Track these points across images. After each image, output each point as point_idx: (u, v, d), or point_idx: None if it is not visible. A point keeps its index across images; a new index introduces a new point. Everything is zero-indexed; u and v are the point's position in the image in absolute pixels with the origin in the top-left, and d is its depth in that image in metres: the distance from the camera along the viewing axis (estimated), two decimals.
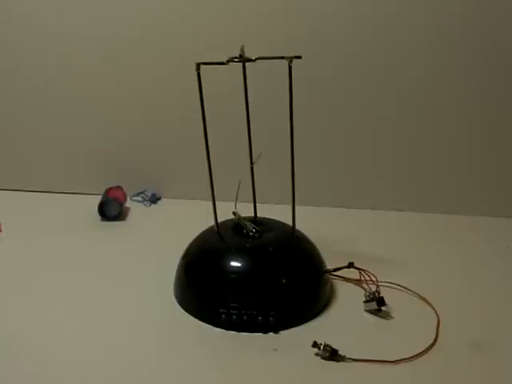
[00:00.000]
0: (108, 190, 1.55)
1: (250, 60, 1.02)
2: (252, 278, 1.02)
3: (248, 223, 1.12)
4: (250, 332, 0.99)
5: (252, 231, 1.10)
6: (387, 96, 1.46)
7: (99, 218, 1.49)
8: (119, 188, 1.58)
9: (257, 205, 1.19)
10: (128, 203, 1.60)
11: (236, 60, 1.01)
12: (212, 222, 1.12)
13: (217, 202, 1.09)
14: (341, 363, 0.91)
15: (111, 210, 1.50)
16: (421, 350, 0.93)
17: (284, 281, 1.02)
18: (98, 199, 1.51)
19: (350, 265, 1.13)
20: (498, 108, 1.42)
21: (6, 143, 1.69)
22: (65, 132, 1.65)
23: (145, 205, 1.62)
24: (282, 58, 0.97)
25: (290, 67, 0.98)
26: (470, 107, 1.43)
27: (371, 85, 1.46)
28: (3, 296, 1.13)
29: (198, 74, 0.99)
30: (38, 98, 1.63)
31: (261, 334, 0.99)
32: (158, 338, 0.99)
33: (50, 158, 1.68)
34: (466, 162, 1.48)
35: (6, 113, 1.67)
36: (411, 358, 0.92)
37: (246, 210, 1.16)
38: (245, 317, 0.99)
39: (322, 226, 1.34)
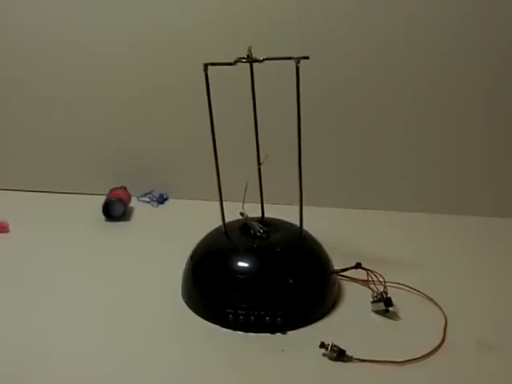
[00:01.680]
0: (112, 191, 1.55)
1: (257, 60, 1.02)
2: (259, 279, 1.03)
3: (255, 224, 1.12)
4: (257, 332, 0.99)
5: (259, 232, 1.10)
6: (392, 96, 1.46)
7: (104, 218, 1.50)
8: (123, 188, 1.58)
9: (264, 205, 1.19)
10: (135, 203, 1.61)
11: (243, 60, 1.01)
12: (219, 223, 1.12)
13: (224, 203, 1.09)
14: (348, 364, 0.91)
15: (115, 210, 1.50)
16: (428, 351, 0.93)
17: (291, 281, 1.02)
18: (103, 199, 1.52)
19: (358, 265, 1.13)
20: (505, 108, 1.42)
21: (11, 144, 1.70)
22: (71, 133, 1.66)
23: (152, 205, 1.62)
24: (290, 58, 0.97)
25: (297, 68, 0.98)
26: (476, 108, 1.43)
27: (375, 85, 1.46)
28: (10, 295, 1.13)
29: (206, 75, 0.99)
30: (41, 98, 1.64)
31: (268, 334, 0.99)
32: (165, 338, 0.99)
33: (55, 159, 1.69)
34: (473, 162, 1.48)
35: (10, 114, 1.67)
36: (419, 358, 0.91)
37: (253, 211, 1.16)
38: (252, 317, 0.99)
39: (330, 227, 1.34)
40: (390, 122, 1.48)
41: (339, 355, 0.91)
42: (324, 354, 0.92)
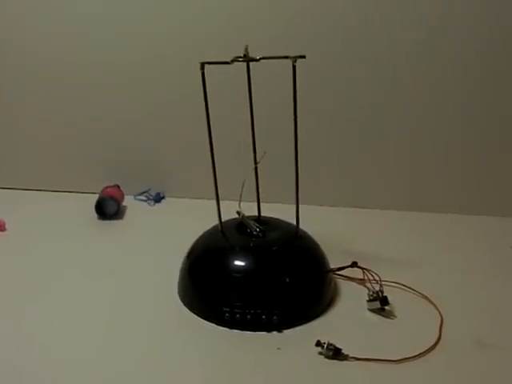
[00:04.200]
0: (105, 189, 1.55)
1: (254, 60, 1.02)
2: (256, 277, 1.03)
3: (252, 222, 1.12)
4: (253, 331, 1.00)
5: (256, 230, 1.10)
6: (390, 97, 1.46)
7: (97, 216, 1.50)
8: (116, 186, 1.58)
9: (261, 204, 1.19)
10: (131, 202, 1.61)
11: (240, 59, 1.02)
12: (216, 221, 1.12)
13: (221, 202, 1.09)
14: (344, 362, 0.91)
15: (108, 208, 1.50)
16: (424, 350, 0.93)
17: (288, 280, 1.03)
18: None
19: (354, 264, 1.14)
20: (503, 108, 1.42)
21: (6, 143, 1.70)
22: (66, 132, 1.66)
23: (149, 204, 1.62)
24: (286, 57, 0.97)
25: (294, 67, 0.98)
26: (473, 108, 1.44)
27: (373, 84, 1.46)
28: (7, 294, 1.13)
29: (203, 74, 0.99)
30: (37, 98, 1.64)
31: (264, 332, 0.99)
32: (161, 336, 1.00)
33: (50, 157, 1.69)
34: (470, 161, 1.48)
35: (6, 114, 1.67)
36: (414, 357, 0.92)
37: (249, 210, 1.16)
38: (248, 316, 1.00)
39: (326, 226, 1.34)
40: (387, 121, 1.49)
41: (335, 354, 0.91)
42: (320, 353, 0.92)
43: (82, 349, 0.96)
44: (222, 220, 1.12)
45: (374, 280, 1.08)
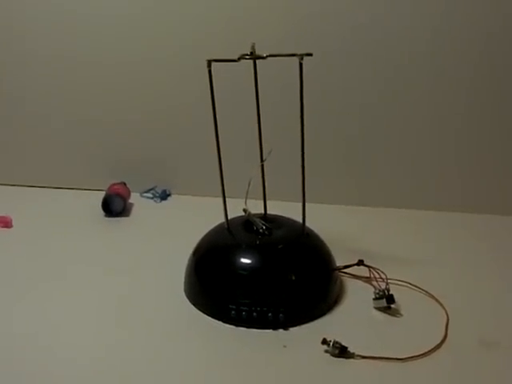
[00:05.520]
0: (111, 186, 1.55)
1: (261, 57, 1.02)
2: (262, 275, 1.03)
3: (258, 220, 1.12)
4: (259, 328, 1.00)
5: (262, 228, 1.10)
6: (395, 95, 1.46)
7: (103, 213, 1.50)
8: (123, 184, 1.58)
9: (267, 202, 1.19)
10: (137, 199, 1.61)
11: (247, 57, 1.02)
12: (222, 219, 1.12)
13: (227, 199, 1.09)
14: (350, 360, 0.91)
15: (114, 205, 1.50)
16: (430, 348, 0.93)
17: (294, 278, 1.03)
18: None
19: (360, 262, 1.13)
20: (507, 107, 1.42)
21: (13, 139, 1.70)
22: (73, 129, 1.65)
23: (155, 201, 1.62)
24: (293, 55, 0.97)
25: (300, 64, 0.98)
26: (477, 108, 1.43)
27: (378, 83, 1.45)
28: (13, 290, 1.14)
29: (209, 71, 0.99)
30: (43, 94, 1.64)
31: (270, 330, 0.99)
32: (167, 333, 1.00)
33: (57, 155, 1.69)
34: (476, 160, 1.48)
35: (12, 111, 1.67)
36: (420, 355, 0.92)
37: (256, 207, 1.16)
38: (254, 313, 1.00)
39: (332, 224, 1.34)
40: (394, 120, 1.48)
41: (341, 352, 0.91)
42: (326, 351, 0.92)
43: (88, 346, 0.96)
44: (228, 217, 1.12)
45: (380, 278, 1.08)
